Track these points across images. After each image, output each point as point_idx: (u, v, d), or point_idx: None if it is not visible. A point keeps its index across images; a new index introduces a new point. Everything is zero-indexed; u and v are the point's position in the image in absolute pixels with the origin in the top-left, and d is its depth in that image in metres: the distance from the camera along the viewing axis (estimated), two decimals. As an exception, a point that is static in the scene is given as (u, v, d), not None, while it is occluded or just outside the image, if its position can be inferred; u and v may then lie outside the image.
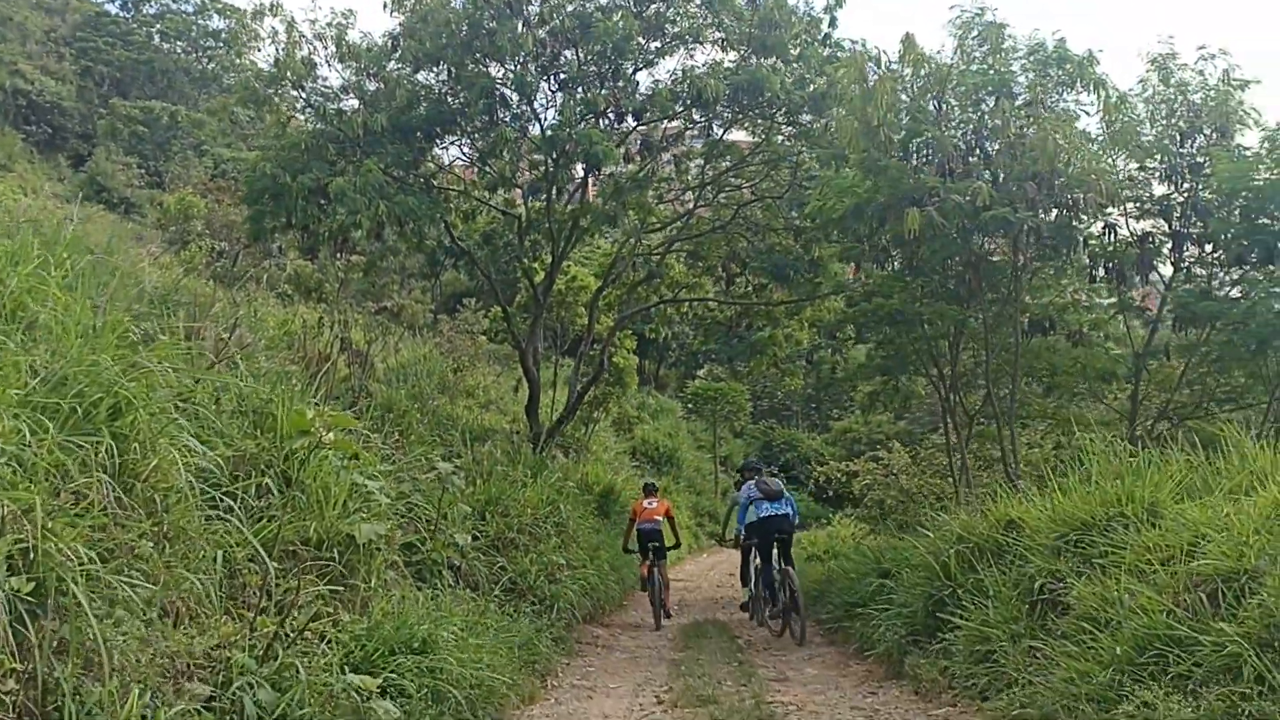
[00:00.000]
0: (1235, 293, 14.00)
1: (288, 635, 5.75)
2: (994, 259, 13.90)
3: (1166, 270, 14.34)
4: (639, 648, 11.78)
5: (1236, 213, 13.00)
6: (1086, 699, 5.43)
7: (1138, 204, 13.78)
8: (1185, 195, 13.42)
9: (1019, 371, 13.74)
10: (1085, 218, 12.81)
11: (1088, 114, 13.00)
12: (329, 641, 6.14)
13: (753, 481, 12.93)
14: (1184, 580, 5.88)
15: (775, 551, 12.37)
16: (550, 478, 14.09)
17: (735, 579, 15.82)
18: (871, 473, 29.71)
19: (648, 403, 47.27)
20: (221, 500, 6.43)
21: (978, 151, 12.78)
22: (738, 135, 22.13)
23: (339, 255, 24.90)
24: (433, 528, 9.63)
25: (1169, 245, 13.87)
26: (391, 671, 6.24)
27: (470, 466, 12.99)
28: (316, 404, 6.66)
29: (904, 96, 12.85)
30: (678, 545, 15.14)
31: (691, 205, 23.81)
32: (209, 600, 5.86)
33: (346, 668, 6.05)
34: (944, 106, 12.86)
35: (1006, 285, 13.73)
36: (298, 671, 5.43)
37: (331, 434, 5.76)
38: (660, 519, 14.75)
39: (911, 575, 9.36)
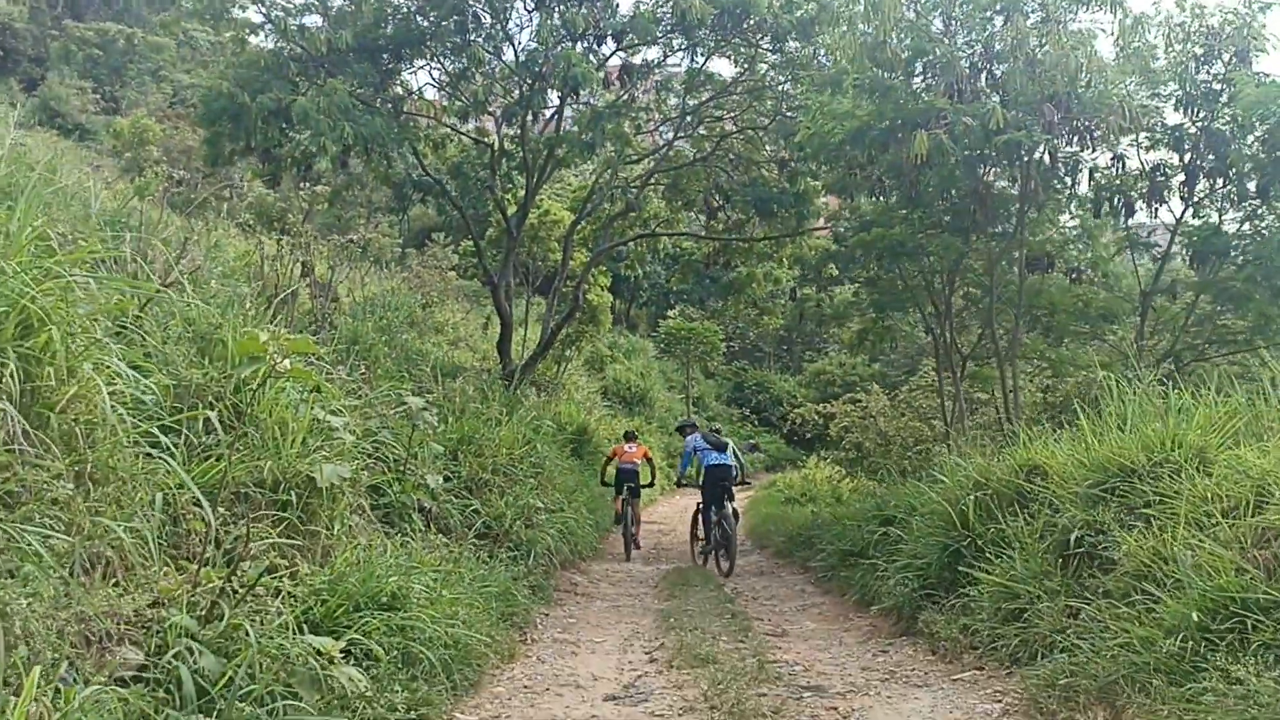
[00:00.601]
0: (1246, 228, 13.34)
1: (236, 591, 4.98)
2: (996, 190, 13.14)
3: (1175, 208, 13.65)
4: (620, 596, 11.11)
5: (1255, 143, 12.31)
6: (1153, 669, 4.75)
7: (1149, 134, 13.04)
8: (1200, 125, 12.68)
9: (1022, 308, 13.04)
10: (1098, 146, 12.05)
11: (1105, 32, 12.23)
12: (285, 597, 5.39)
13: (699, 434, 14.56)
14: (1252, 535, 5.22)
15: (721, 498, 13.42)
16: (526, 416, 13.32)
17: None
18: (849, 415, 29.19)
19: (619, 343, 46.55)
20: (163, 436, 5.66)
21: (986, 74, 11.96)
22: (720, 66, 21.27)
23: (303, 184, 23.90)
24: (402, 468, 8.87)
25: (1180, 179, 13.18)
26: (356, 631, 5.49)
27: (442, 403, 12.22)
28: (273, 328, 5.82)
29: (909, 14, 12.00)
30: (652, 484, 16.08)
31: (671, 136, 22.94)
32: (146, 551, 5.10)
33: (305, 627, 5.31)
34: (951, 24, 12.03)
35: (1011, 218, 12.99)
36: (246, 633, 4.67)
37: (288, 361, 4.95)
38: (639, 461, 15.97)
39: (923, 524, 8.67)
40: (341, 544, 6.56)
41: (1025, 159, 11.53)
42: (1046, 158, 11.75)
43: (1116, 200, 13.29)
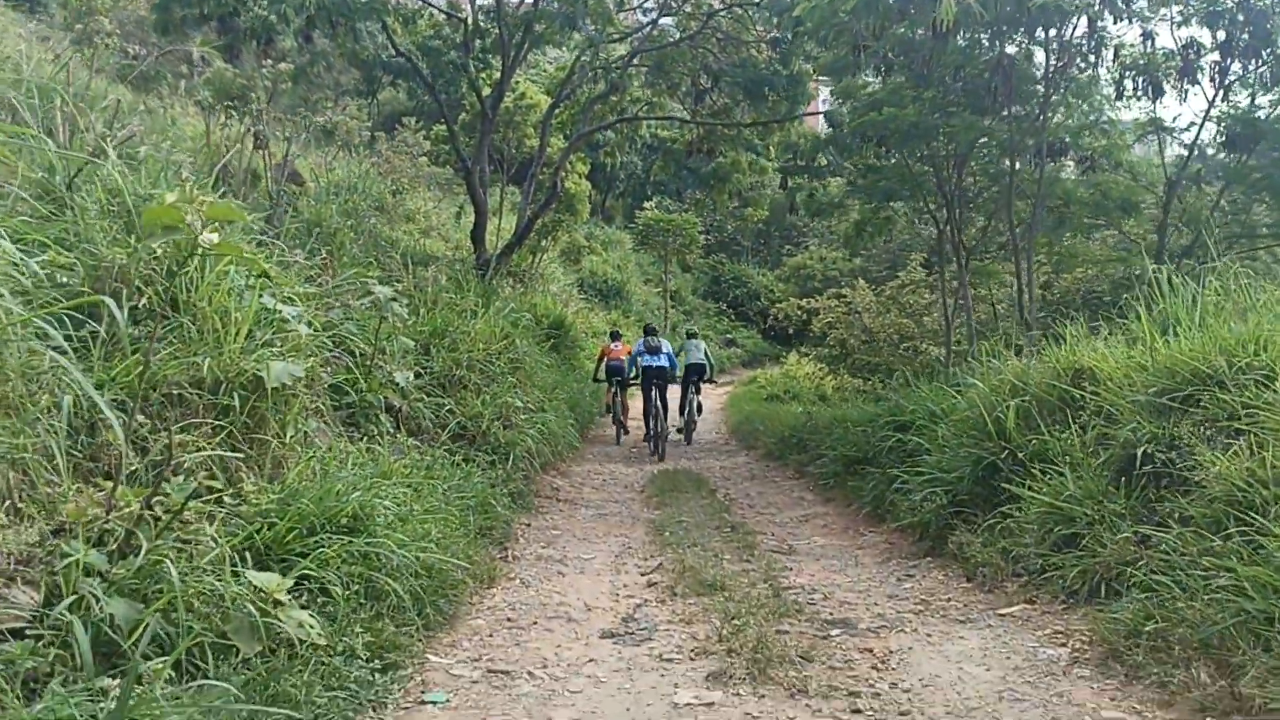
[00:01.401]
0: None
1: (158, 518, 4.07)
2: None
3: (1206, 92, 12.65)
4: (606, 502, 10.28)
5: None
6: (1277, 620, 3.92)
7: (1181, 5, 11.99)
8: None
9: (1043, 194, 12.08)
10: (1133, 19, 11.01)
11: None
12: (222, 522, 4.48)
13: (641, 341, 16.63)
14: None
15: (654, 393, 15.23)
16: (503, 308, 12.35)
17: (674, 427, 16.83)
18: (833, 311, 28.35)
19: (596, 234, 45.40)
20: (78, 329, 4.70)
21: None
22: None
23: (265, 61, 22.41)
24: (368, 365, 7.94)
25: (1212, 57, 12.19)
26: (311, 562, 4.60)
27: (412, 293, 11.26)
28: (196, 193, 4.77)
29: None
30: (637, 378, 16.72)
31: (655, 14, 21.60)
32: (52, 467, 4.18)
33: (248, 557, 4.41)
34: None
35: (1031, 99, 11.97)
36: (169, 570, 3.77)
37: (215, 235, 3.96)
38: (624, 359, 17.06)
39: (951, 432, 7.80)
40: (295, 455, 5.65)
41: (1058, 29, 10.47)
42: (1084, 24, 10.69)
43: (1141, 81, 12.27)
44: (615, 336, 18.59)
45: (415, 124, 35.72)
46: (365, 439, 7.51)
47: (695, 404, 17.06)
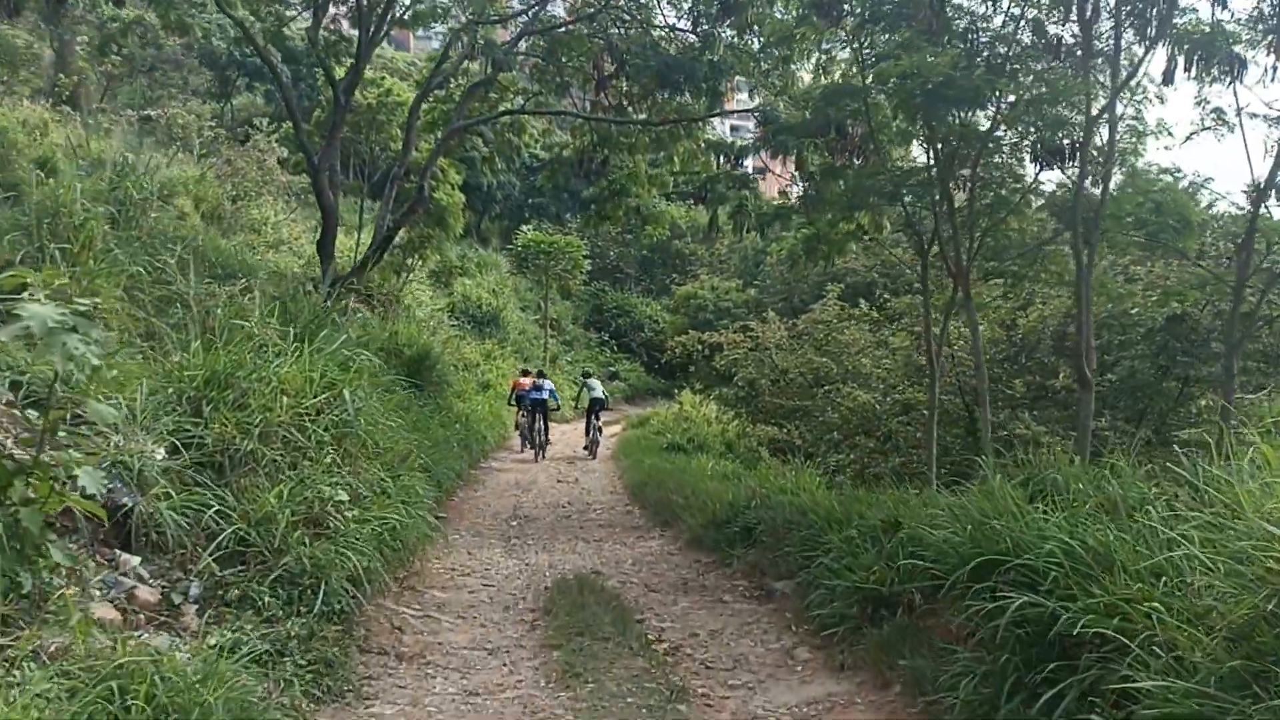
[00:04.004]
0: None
1: None
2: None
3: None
4: (475, 654, 6.53)
5: None
6: None
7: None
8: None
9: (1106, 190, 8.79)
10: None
11: None
12: None
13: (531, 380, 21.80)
14: None
15: (537, 418, 20.57)
16: (334, 339, 8.52)
17: (562, 484, 17.12)
18: (739, 346, 25.08)
19: (470, 255, 41.59)
20: None
21: None
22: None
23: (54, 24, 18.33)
24: (40, 440, 4.21)
25: None
26: None
27: (190, 319, 7.50)
28: None
29: None
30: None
31: (548, -10, 18.16)
32: None
33: None
34: None
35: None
36: None
37: None
38: (529, 388, 21.39)
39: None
40: None
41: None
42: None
43: (1209, 60, 9.17)
44: (525, 373, 23.67)
45: (267, 125, 31.51)
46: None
47: (597, 428, 21.95)
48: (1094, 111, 9.01)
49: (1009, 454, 8.38)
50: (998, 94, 8.96)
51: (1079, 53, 8.82)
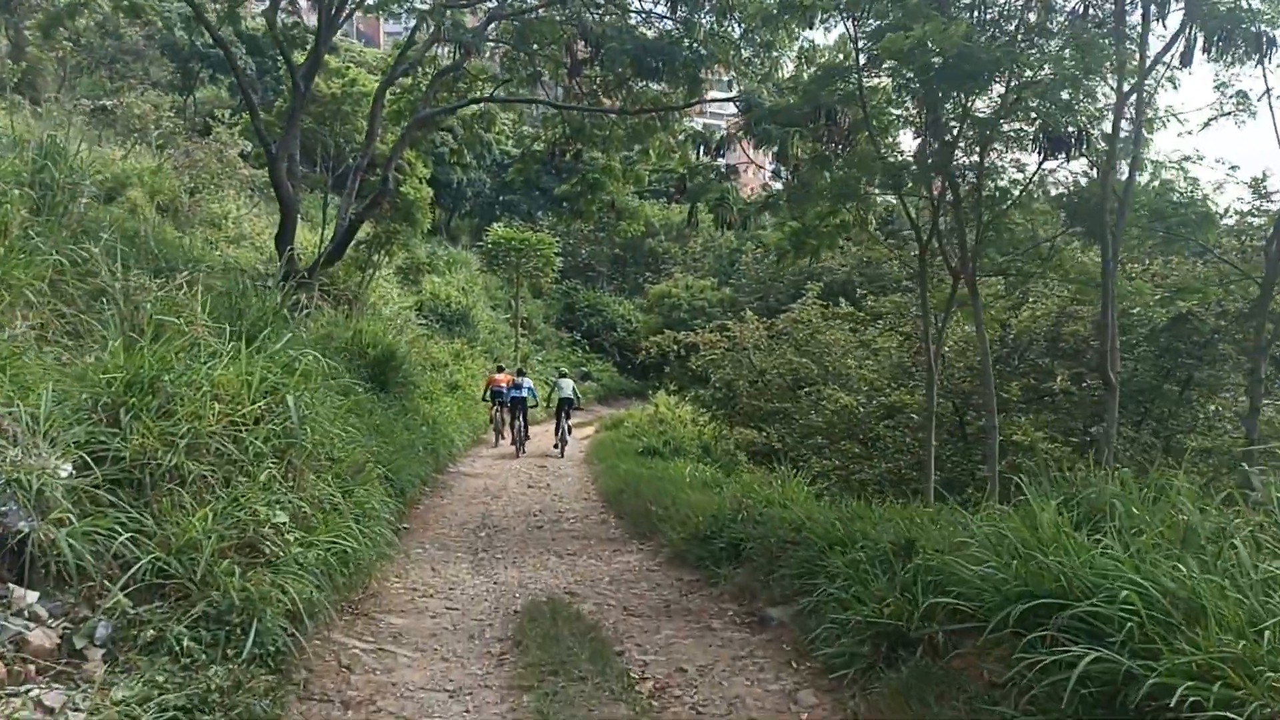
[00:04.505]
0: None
1: None
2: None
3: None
4: (432, 697, 5.80)
5: None
6: None
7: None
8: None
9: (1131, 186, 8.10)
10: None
11: None
12: None
13: (514, 378, 22.55)
14: None
15: (514, 414, 21.71)
16: (278, 338, 7.68)
17: (534, 490, 16.56)
18: (716, 346, 24.36)
19: (439, 253, 40.68)
20: None
21: None
22: None
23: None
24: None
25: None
26: None
27: (111, 316, 6.66)
28: None
29: None
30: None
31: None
32: None
33: None
34: None
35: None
36: None
37: None
38: (504, 386, 22.40)
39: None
40: None
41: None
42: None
43: (1231, 38, 8.49)
44: (501, 369, 24.88)
45: (228, 116, 30.49)
46: None
47: (566, 428, 22.51)
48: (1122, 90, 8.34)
49: (1002, 461, 7.69)
50: (1016, 69, 8.24)
51: (1097, 26, 8.11)
